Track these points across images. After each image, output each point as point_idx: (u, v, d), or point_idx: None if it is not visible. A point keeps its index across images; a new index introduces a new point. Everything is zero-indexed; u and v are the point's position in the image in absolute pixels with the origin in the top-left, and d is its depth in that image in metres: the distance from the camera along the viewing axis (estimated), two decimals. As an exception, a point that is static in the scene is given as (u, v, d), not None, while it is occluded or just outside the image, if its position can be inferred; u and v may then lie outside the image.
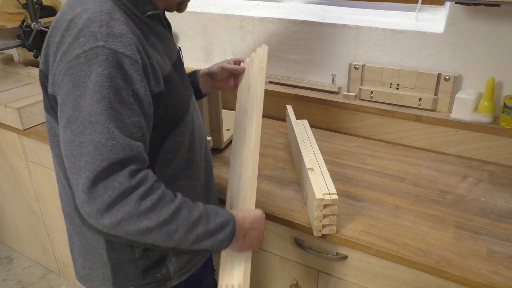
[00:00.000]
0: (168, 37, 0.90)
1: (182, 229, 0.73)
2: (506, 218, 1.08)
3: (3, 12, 2.21)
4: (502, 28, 1.27)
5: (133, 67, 0.72)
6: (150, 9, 0.82)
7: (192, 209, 0.75)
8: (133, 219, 0.68)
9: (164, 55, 0.85)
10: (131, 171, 0.69)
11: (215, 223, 0.77)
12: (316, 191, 1.00)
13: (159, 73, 0.80)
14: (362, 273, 1.07)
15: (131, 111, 0.71)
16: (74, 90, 0.69)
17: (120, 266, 0.91)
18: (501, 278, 0.90)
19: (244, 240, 0.83)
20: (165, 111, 0.83)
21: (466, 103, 1.34)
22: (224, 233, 0.78)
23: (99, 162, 0.66)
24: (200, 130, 0.99)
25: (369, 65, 1.50)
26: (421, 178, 1.26)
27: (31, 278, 2.11)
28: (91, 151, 0.67)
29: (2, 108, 1.65)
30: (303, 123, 1.37)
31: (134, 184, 0.68)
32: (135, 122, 0.72)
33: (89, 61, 0.69)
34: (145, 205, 0.69)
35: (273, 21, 1.66)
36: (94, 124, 0.67)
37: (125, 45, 0.72)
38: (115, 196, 0.67)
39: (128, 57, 0.71)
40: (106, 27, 0.71)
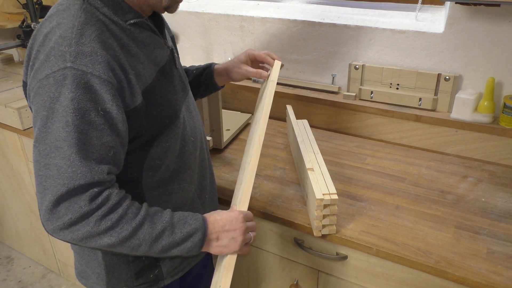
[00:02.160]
0: (156, 41, 0.86)
1: (145, 243, 0.76)
2: (506, 218, 1.08)
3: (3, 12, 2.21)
4: (502, 28, 1.27)
5: (103, 86, 0.71)
6: (132, 17, 0.79)
7: (155, 223, 0.77)
8: (93, 237, 0.73)
9: (148, 63, 0.82)
10: (92, 195, 0.72)
11: (182, 233, 0.79)
12: (316, 191, 1.00)
13: (137, 87, 0.78)
14: (362, 273, 1.07)
15: (100, 131, 0.72)
16: (42, 110, 0.71)
17: (114, 267, 0.92)
18: (501, 278, 0.90)
19: (218, 243, 0.84)
20: (148, 121, 0.82)
21: (466, 103, 1.34)
22: (192, 241, 0.80)
23: (59, 187, 0.70)
24: (194, 132, 0.97)
25: (369, 65, 1.50)
26: (421, 178, 1.26)
27: (31, 278, 2.11)
28: (54, 175, 0.70)
29: (2, 108, 1.65)
30: (303, 123, 1.37)
31: (94, 207, 0.72)
32: (105, 142, 0.73)
33: (57, 83, 0.70)
34: (105, 224, 0.73)
35: (273, 21, 1.66)
36: (59, 149, 0.70)
37: (95, 64, 0.71)
38: (75, 219, 0.71)
39: (97, 77, 0.71)
40: (76, 46, 0.70)
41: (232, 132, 1.51)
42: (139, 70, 0.79)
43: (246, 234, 0.86)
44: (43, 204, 0.71)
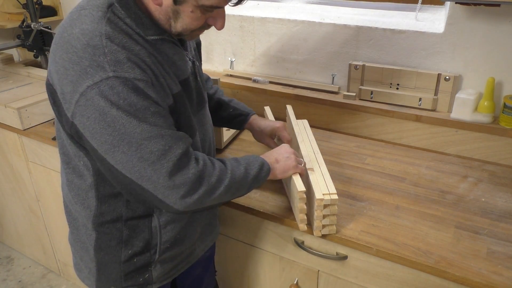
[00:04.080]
0: (178, 53, 0.87)
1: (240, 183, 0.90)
2: (506, 218, 1.08)
3: (3, 12, 2.21)
4: (502, 28, 1.27)
5: (147, 87, 0.75)
6: (152, 34, 0.80)
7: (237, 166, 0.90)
8: (209, 194, 0.83)
9: (172, 75, 0.84)
10: (195, 159, 0.82)
11: (256, 168, 0.93)
12: (316, 191, 1.00)
13: (167, 90, 0.82)
14: (362, 273, 1.07)
15: (165, 117, 0.78)
16: (103, 119, 0.73)
17: (105, 265, 0.94)
18: (501, 278, 0.90)
19: (279, 164, 1.00)
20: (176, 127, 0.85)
21: (466, 103, 1.34)
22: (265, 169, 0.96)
23: (166, 164, 0.77)
24: (203, 145, 0.99)
25: (369, 65, 1.50)
26: (421, 178, 1.26)
27: (31, 278, 2.11)
28: (154, 161, 0.76)
29: (2, 108, 1.65)
30: (303, 123, 1.37)
31: (201, 168, 0.82)
32: (171, 123, 0.80)
33: (105, 92, 0.71)
34: (214, 178, 0.84)
35: (273, 21, 1.66)
36: (147, 140, 0.75)
37: (134, 69, 0.74)
38: (192, 184, 0.80)
39: (140, 80, 0.74)
40: (110, 55, 0.72)
41: (232, 132, 1.51)
42: (166, 78, 0.82)
43: (295, 156, 1.03)
44: (159, 190, 0.78)
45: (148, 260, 0.94)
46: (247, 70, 1.83)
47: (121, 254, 0.92)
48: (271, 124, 1.22)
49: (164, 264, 0.97)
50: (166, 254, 0.96)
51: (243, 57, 1.80)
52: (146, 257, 0.94)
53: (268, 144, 1.24)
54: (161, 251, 0.95)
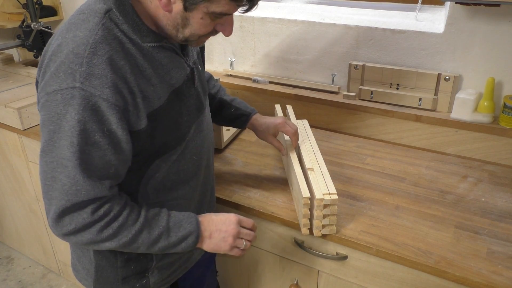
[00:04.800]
0: (175, 61, 0.85)
1: (143, 246, 0.83)
2: (506, 218, 1.08)
3: (3, 12, 2.21)
4: (502, 28, 1.27)
5: (110, 109, 0.73)
6: (150, 41, 0.78)
7: (152, 228, 0.83)
8: (96, 243, 0.80)
9: (160, 85, 0.81)
10: (94, 208, 0.77)
11: (177, 236, 0.85)
12: (316, 191, 1.00)
13: (142, 111, 0.78)
14: (362, 273, 1.07)
15: (103, 152, 0.75)
16: (49, 124, 0.73)
17: (103, 268, 0.94)
18: (501, 278, 0.90)
19: (210, 241, 0.89)
20: (152, 142, 0.83)
21: (466, 103, 1.34)
22: (186, 243, 0.86)
23: (64, 201, 0.74)
24: (200, 151, 0.97)
25: (369, 65, 1.50)
26: (421, 178, 1.26)
27: (31, 278, 2.11)
28: (59, 188, 0.74)
29: (2, 108, 1.65)
30: (303, 123, 1.37)
31: (96, 218, 0.77)
32: (108, 161, 0.76)
33: (65, 101, 0.71)
34: (106, 233, 0.79)
35: (273, 21, 1.66)
36: (64, 167, 0.73)
37: (103, 88, 0.71)
38: (78, 228, 0.77)
39: (105, 100, 0.72)
40: (87, 66, 0.70)
41: (232, 132, 1.51)
42: (148, 93, 0.79)
43: (237, 238, 0.90)
44: (50, 213, 0.76)
45: (145, 266, 0.94)
46: (247, 70, 1.83)
47: (117, 259, 0.92)
48: (272, 121, 1.19)
49: (162, 270, 0.97)
50: (163, 261, 0.96)
51: (243, 57, 1.80)
52: (142, 263, 0.94)
53: (271, 142, 1.19)
54: (158, 258, 0.94)
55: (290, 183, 1.22)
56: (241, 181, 1.26)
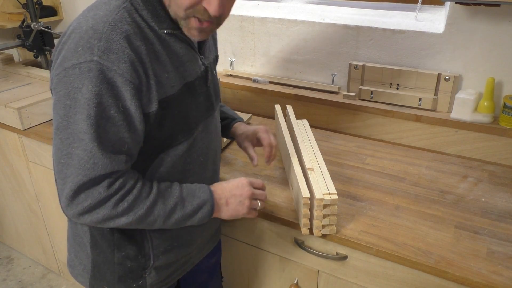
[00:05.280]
0: (190, 54, 0.86)
1: (160, 218, 0.83)
2: (506, 218, 1.08)
3: (3, 12, 2.21)
4: (502, 28, 1.27)
5: (125, 85, 0.73)
6: (166, 27, 0.79)
7: (167, 199, 0.83)
8: (112, 219, 0.79)
9: (174, 74, 0.82)
10: (109, 182, 0.77)
11: (192, 206, 0.85)
12: (316, 191, 1.00)
13: (154, 94, 0.78)
14: (362, 273, 1.07)
15: (117, 127, 0.75)
16: (66, 99, 0.73)
17: (100, 264, 0.93)
18: (501, 278, 0.90)
19: (228, 207, 0.91)
20: (159, 130, 0.83)
21: (466, 103, 1.34)
22: (202, 212, 0.87)
23: (81, 177, 0.74)
24: (206, 153, 0.96)
25: (369, 65, 1.50)
26: (421, 178, 1.26)
27: (31, 278, 2.11)
28: (76, 164, 0.74)
29: (2, 108, 1.65)
30: (303, 123, 1.37)
31: (111, 192, 0.77)
32: (121, 138, 0.76)
33: (82, 74, 0.71)
34: (122, 207, 0.78)
35: (273, 21, 1.66)
36: (81, 141, 0.73)
37: (120, 63, 0.72)
38: (94, 204, 0.76)
39: (121, 75, 0.72)
40: (105, 41, 0.72)
41: (232, 132, 1.51)
42: (162, 79, 0.79)
43: (252, 198, 0.93)
44: (64, 191, 0.76)
45: (142, 265, 0.93)
46: (247, 70, 1.83)
47: (114, 256, 0.91)
48: (253, 128, 1.16)
49: (159, 271, 0.96)
50: (161, 261, 0.94)
51: (243, 57, 1.81)
52: (140, 262, 0.92)
53: (245, 148, 1.14)
54: (155, 257, 0.93)
55: (290, 183, 1.22)
56: (241, 181, 1.26)
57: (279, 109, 1.48)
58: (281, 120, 1.40)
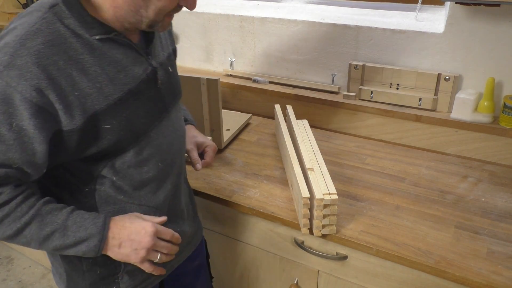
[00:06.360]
0: (131, 58, 0.81)
1: (34, 241, 0.77)
2: (506, 218, 1.08)
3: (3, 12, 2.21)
4: (502, 28, 1.27)
5: (23, 103, 0.68)
6: (96, 33, 0.74)
7: (44, 225, 0.77)
8: None
9: (109, 84, 0.77)
10: None
11: (74, 237, 0.78)
12: (316, 191, 1.00)
13: (77, 109, 0.74)
14: (362, 273, 1.07)
15: (6, 146, 0.70)
16: None
17: (71, 272, 0.92)
18: (501, 278, 0.90)
19: (119, 250, 0.81)
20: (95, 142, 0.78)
21: (466, 103, 1.34)
22: (87, 245, 0.78)
23: None
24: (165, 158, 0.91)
25: (369, 65, 1.50)
26: (421, 178, 1.26)
27: (31, 278, 2.11)
28: None
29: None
30: (303, 123, 1.37)
31: None
32: (9, 157, 0.71)
33: None
34: None
35: (273, 21, 1.66)
36: None
37: (21, 80, 0.68)
38: None
39: (19, 92, 0.68)
40: (10, 56, 0.68)
41: (232, 132, 1.51)
42: (88, 91, 0.74)
43: (151, 250, 0.83)
44: None
45: (112, 271, 0.90)
46: (247, 70, 1.83)
47: (82, 263, 0.89)
48: (204, 138, 1.14)
49: (132, 275, 0.93)
50: (132, 265, 0.88)
51: (243, 57, 1.81)
52: (110, 268, 0.90)
53: (190, 150, 1.10)
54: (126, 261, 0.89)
55: (290, 183, 1.22)
56: (241, 181, 1.26)
57: (279, 109, 1.48)
58: (281, 120, 1.40)
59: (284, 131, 1.32)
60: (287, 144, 1.24)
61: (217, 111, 1.38)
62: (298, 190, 1.04)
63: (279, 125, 1.39)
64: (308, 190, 1.03)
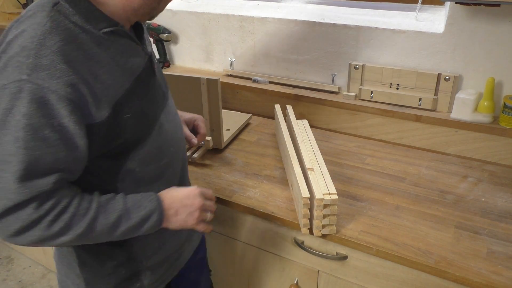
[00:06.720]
0: (132, 48, 0.83)
1: (103, 233, 0.78)
2: (506, 218, 1.08)
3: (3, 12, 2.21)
4: (502, 28, 1.27)
5: (60, 102, 0.69)
6: (105, 26, 0.76)
7: (109, 213, 0.79)
8: (47, 240, 0.74)
9: (120, 73, 0.79)
10: (38, 204, 0.72)
11: (138, 217, 0.81)
12: (316, 191, 1.00)
13: (104, 100, 0.75)
14: (362, 273, 1.07)
15: (52, 148, 0.71)
16: None
17: (93, 280, 0.91)
18: (501, 278, 0.90)
19: (177, 218, 0.86)
20: (121, 132, 0.80)
21: (466, 103, 1.34)
22: (150, 222, 0.82)
23: (5, 200, 0.70)
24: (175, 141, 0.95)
25: (369, 65, 1.50)
26: (421, 178, 1.26)
27: (31, 278, 2.11)
28: (2, 187, 0.70)
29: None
30: (303, 123, 1.37)
31: (42, 213, 0.72)
32: (57, 158, 0.72)
33: (11, 95, 0.67)
34: (58, 226, 0.74)
35: (273, 21, 1.66)
36: (8, 163, 0.69)
37: (52, 79, 0.68)
38: (25, 226, 0.72)
39: (54, 92, 0.68)
40: (34, 58, 0.67)
41: (232, 132, 1.51)
42: (108, 82, 0.76)
43: (203, 210, 0.89)
44: None
45: (135, 269, 0.92)
46: (247, 70, 1.83)
47: (106, 267, 0.89)
48: (190, 114, 1.17)
49: (154, 271, 0.95)
50: (153, 260, 0.93)
51: (243, 57, 1.81)
52: (132, 266, 0.91)
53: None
54: (147, 258, 0.92)
55: (290, 183, 1.22)
56: (241, 181, 1.27)
57: (279, 109, 1.48)
58: (281, 120, 1.40)
59: (284, 131, 1.32)
60: (287, 144, 1.24)
61: (217, 111, 1.38)
62: (298, 190, 1.04)
63: (279, 125, 1.39)
64: (308, 190, 1.03)
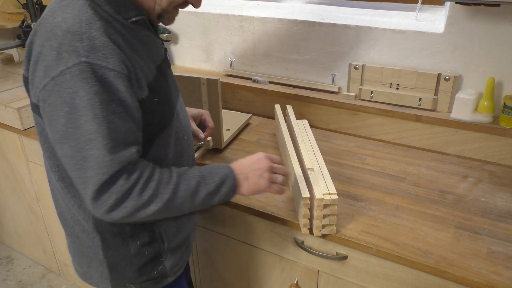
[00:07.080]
0: (153, 40, 0.89)
1: (186, 200, 0.83)
2: (506, 218, 1.08)
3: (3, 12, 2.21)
4: (502, 28, 1.27)
5: (117, 78, 0.74)
6: (134, 15, 0.81)
7: (188, 180, 0.84)
8: (141, 209, 0.78)
9: (148, 60, 0.84)
10: (128, 174, 0.77)
11: (215, 182, 0.86)
12: (316, 191, 1.00)
13: (142, 80, 0.80)
14: (362, 273, 1.07)
15: (123, 119, 0.76)
16: (63, 107, 0.73)
17: (117, 264, 0.93)
18: (501, 278, 0.90)
19: (248, 181, 0.90)
20: (150, 117, 0.84)
21: (466, 103, 1.34)
22: (226, 187, 0.87)
23: (100, 176, 0.74)
24: (187, 130, 1.00)
25: (369, 65, 1.50)
26: (421, 178, 1.26)
27: (31, 278, 2.11)
28: (93, 166, 0.74)
29: (2, 108, 1.65)
30: (303, 123, 1.37)
31: (132, 183, 0.77)
32: (128, 128, 0.77)
33: (74, 78, 0.71)
34: (147, 194, 0.78)
35: (273, 21, 1.66)
36: (93, 141, 0.73)
37: (108, 58, 0.73)
38: (119, 198, 0.76)
39: (112, 70, 0.73)
40: (88, 41, 0.72)
41: (232, 132, 1.51)
42: (142, 66, 0.81)
43: (272, 172, 0.92)
44: (88, 195, 0.76)
45: (158, 249, 0.94)
46: (247, 70, 1.83)
47: (130, 247, 0.91)
48: (196, 109, 1.21)
49: (174, 253, 0.98)
50: (173, 242, 0.96)
51: (243, 57, 1.80)
52: (155, 247, 0.94)
53: None
54: (168, 239, 0.95)
55: (290, 183, 1.22)
56: (241, 181, 1.26)
57: (279, 109, 1.48)
58: (281, 120, 1.40)
59: (284, 131, 1.32)
60: (287, 144, 1.24)
61: (217, 111, 1.38)
62: (298, 190, 1.04)
63: (279, 125, 1.39)
64: (308, 190, 1.03)
